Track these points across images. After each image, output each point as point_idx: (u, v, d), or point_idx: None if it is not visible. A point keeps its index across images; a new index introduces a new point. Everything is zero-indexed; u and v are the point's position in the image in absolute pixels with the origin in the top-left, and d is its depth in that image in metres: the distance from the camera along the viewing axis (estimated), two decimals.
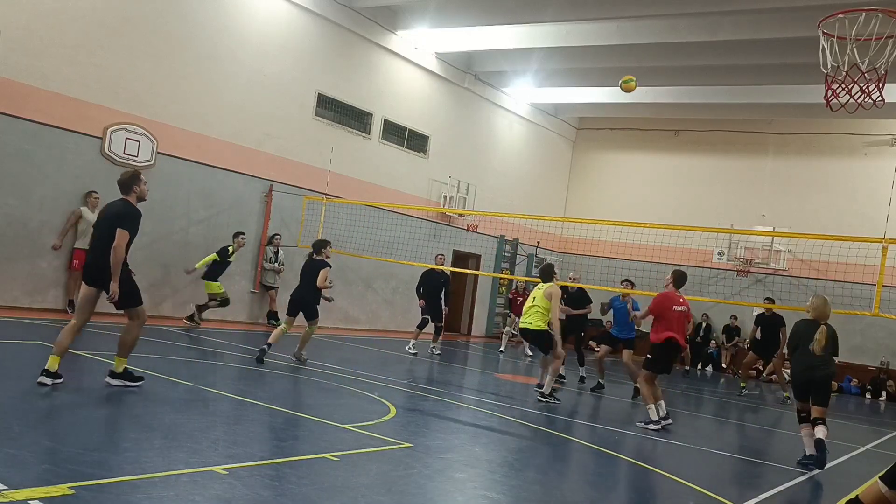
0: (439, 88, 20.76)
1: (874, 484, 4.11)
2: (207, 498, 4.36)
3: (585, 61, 19.92)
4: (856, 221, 19.91)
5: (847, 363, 21.05)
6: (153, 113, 14.03)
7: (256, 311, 16.41)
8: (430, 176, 20.63)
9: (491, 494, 5.45)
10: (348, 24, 17.56)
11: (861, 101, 10.68)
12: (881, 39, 10.27)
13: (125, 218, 7.05)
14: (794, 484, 7.30)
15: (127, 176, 7.26)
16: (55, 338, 7.03)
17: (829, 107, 10.93)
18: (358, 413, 8.10)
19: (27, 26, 12.22)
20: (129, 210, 7.13)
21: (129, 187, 7.21)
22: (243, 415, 7.03)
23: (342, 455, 5.81)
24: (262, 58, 15.89)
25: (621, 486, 6.54)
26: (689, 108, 23.09)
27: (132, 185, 7.21)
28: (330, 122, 17.62)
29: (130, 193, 7.23)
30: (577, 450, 7.73)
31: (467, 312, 22.98)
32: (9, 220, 12.29)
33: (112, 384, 7.20)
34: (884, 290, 11.68)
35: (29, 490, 3.97)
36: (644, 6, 15.95)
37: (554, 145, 26.04)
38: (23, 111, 12.27)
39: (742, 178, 23.65)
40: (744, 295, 21.96)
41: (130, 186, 7.20)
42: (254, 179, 15.98)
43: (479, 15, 17.63)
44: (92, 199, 12.95)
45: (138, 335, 7.35)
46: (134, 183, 7.21)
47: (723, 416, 12.87)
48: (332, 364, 11.20)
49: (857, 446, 10.52)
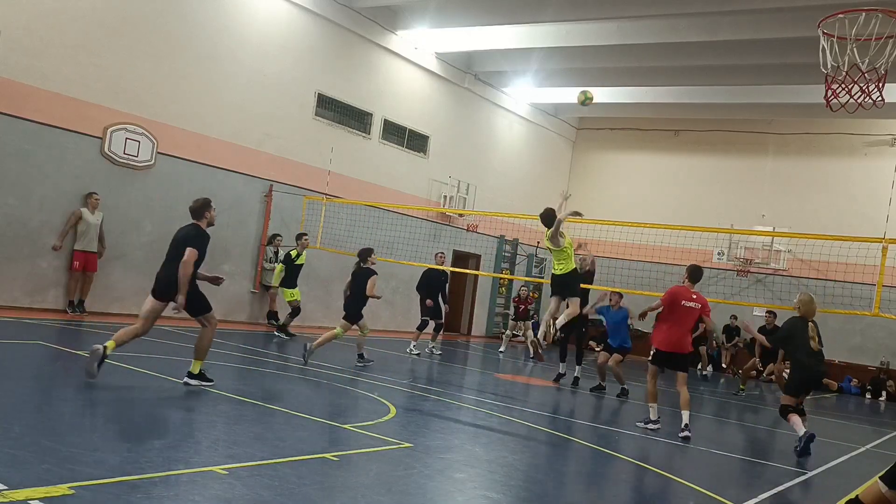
0: (439, 88, 20.76)
1: (874, 484, 4.11)
2: (207, 498, 4.36)
3: (585, 61, 19.92)
4: (856, 221, 19.91)
5: (847, 363, 21.09)
6: (153, 113, 14.03)
7: (256, 311, 16.41)
8: (430, 176, 20.63)
9: (491, 494, 5.45)
10: (348, 24, 17.56)
11: (861, 101, 10.68)
12: (881, 39, 10.28)
13: (195, 238, 7.82)
14: (794, 484, 7.30)
15: (199, 203, 8.05)
16: (55, 338, 7.04)
17: (829, 107, 10.93)
18: (358, 413, 8.10)
19: (27, 26, 12.22)
20: (199, 233, 7.90)
21: (201, 213, 8.00)
22: (243, 415, 7.03)
23: (342, 455, 5.81)
24: (262, 58, 15.89)
25: (621, 487, 6.54)
26: (689, 108, 23.09)
27: (203, 212, 8.01)
28: (330, 122, 17.62)
29: (202, 219, 8.02)
30: (576, 450, 7.73)
31: (467, 312, 22.98)
32: (9, 220, 12.29)
33: (190, 384, 7.79)
34: (884, 290, 11.68)
35: (29, 490, 3.97)
36: (644, 6, 15.95)
37: (554, 145, 26.04)
38: (23, 111, 12.27)
39: (742, 178, 23.65)
40: (744, 295, 21.96)
41: (202, 213, 8.00)
42: (254, 179, 15.98)
43: (479, 15, 17.63)
44: (92, 200, 12.95)
45: (212, 339, 8.05)
46: (205, 209, 8.01)
47: (723, 416, 12.87)
48: (333, 364, 11.20)
49: (857, 446, 10.52)
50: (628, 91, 22.61)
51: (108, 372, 8.09)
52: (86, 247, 12.92)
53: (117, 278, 13.79)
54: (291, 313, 14.67)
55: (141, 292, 13.96)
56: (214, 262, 15.40)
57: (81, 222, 12.84)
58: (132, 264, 13.96)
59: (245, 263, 16.07)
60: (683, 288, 9.33)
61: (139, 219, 14.00)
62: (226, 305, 15.74)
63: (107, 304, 13.70)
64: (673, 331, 9.12)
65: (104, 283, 13.60)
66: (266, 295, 16.20)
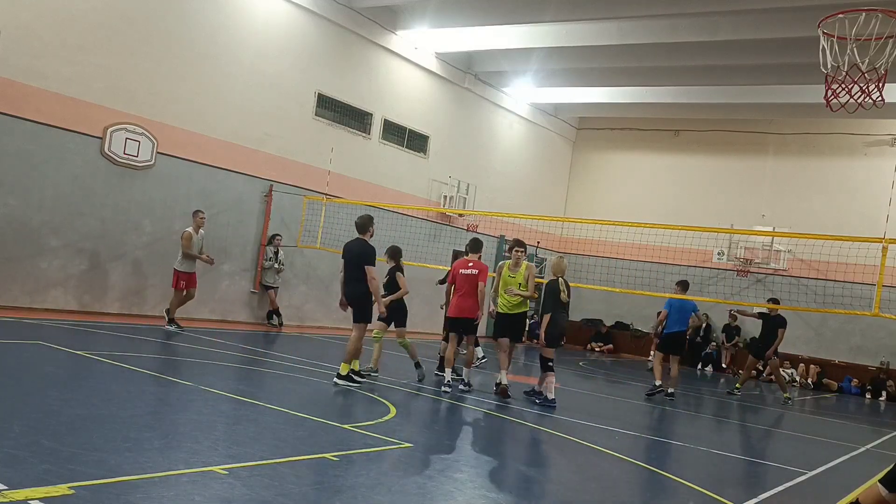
0: (439, 88, 20.76)
1: (873, 487, 4.11)
2: (207, 498, 4.36)
3: (585, 61, 19.92)
4: (856, 221, 19.90)
5: (847, 363, 21.09)
6: (153, 113, 14.03)
7: (256, 312, 16.42)
8: (430, 176, 20.64)
9: (491, 494, 5.45)
10: (348, 24, 17.56)
11: (861, 101, 10.68)
12: (881, 39, 10.27)
13: (369, 255, 9.20)
14: (794, 484, 7.30)
15: (365, 219, 9.38)
16: (55, 337, 7.04)
17: (829, 107, 10.93)
18: (358, 413, 8.10)
19: (27, 26, 12.22)
20: (367, 249, 9.24)
21: (367, 228, 9.31)
22: (243, 415, 7.03)
23: (342, 455, 5.81)
24: (261, 58, 15.89)
25: (621, 486, 6.54)
26: (689, 108, 23.09)
27: (368, 227, 9.32)
28: (330, 122, 17.62)
29: (366, 233, 9.29)
30: (577, 449, 7.73)
31: None
32: (9, 220, 12.29)
33: (338, 384, 8.98)
34: (884, 290, 11.69)
35: (29, 490, 3.97)
36: (644, 6, 15.95)
37: (554, 145, 26.04)
38: (23, 111, 12.27)
39: (742, 178, 23.65)
40: (744, 295, 21.97)
41: (367, 228, 9.31)
42: (254, 179, 15.98)
43: (479, 15, 17.63)
44: (198, 219, 13.06)
45: (361, 345, 9.40)
46: (370, 225, 9.35)
47: (722, 416, 12.87)
48: (333, 364, 11.19)
49: (857, 446, 10.52)
50: (628, 91, 22.62)
51: (109, 372, 8.10)
52: (189, 268, 12.91)
53: (117, 278, 13.80)
54: None
55: (141, 292, 14.07)
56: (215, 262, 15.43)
57: (191, 243, 12.83)
58: (132, 264, 13.96)
59: (245, 263, 16.07)
60: (463, 260, 10.57)
61: (139, 219, 14.00)
62: (225, 305, 15.77)
63: (107, 304, 13.70)
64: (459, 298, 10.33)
65: (104, 283, 13.61)
66: (266, 295, 16.21)
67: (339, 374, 9.23)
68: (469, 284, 10.29)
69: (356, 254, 9.24)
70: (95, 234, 13.39)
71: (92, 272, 13.42)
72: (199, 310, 14.76)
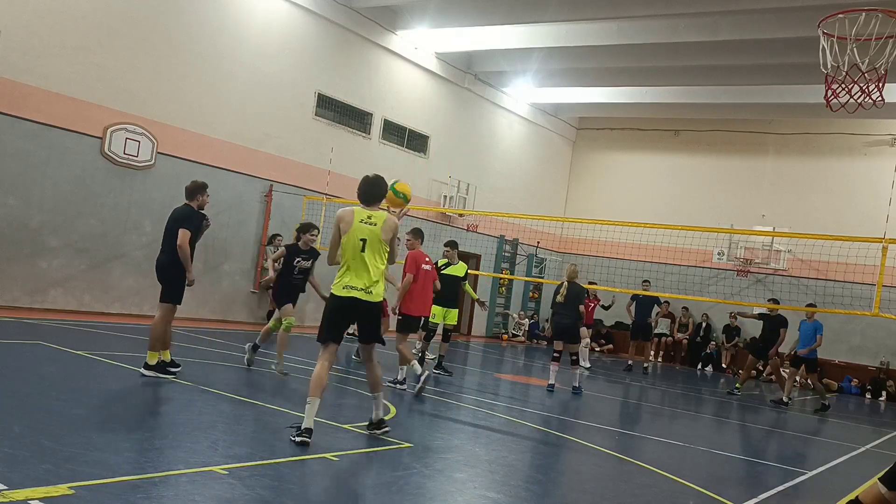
0: (439, 88, 20.76)
1: (874, 485, 4.11)
2: (207, 498, 4.36)
3: (585, 61, 19.93)
4: (856, 221, 19.90)
5: (847, 363, 21.09)
6: (153, 113, 14.03)
7: (256, 312, 16.41)
8: (430, 176, 20.63)
9: (491, 494, 5.45)
10: (348, 24, 17.56)
11: (861, 101, 10.69)
12: (881, 39, 10.28)
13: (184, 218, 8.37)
14: (794, 484, 7.30)
15: (198, 184, 8.58)
16: (55, 337, 7.03)
17: (829, 107, 10.94)
18: (358, 413, 8.10)
19: (27, 26, 12.23)
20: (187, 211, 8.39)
21: (195, 195, 8.46)
22: (243, 415, 7.03)
23: (342, 455, 5.81)
24: (262, 58, 15.89)
25: (621, 486, 6.53)
26: (689, 108, 23.09)
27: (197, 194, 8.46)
28: (330, 122, 17.62)
29: (194, 201, 8.48)
30: (576, 450, 7.72)
31: (467, 312, 22.96)
32: (9, 220, 12.29)
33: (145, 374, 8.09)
34: (884, 290, 11.70)
35: (29, 490, 3.96)
36: (644, 6, 15.95)
37: (554, 145, 26.04)
38: (23, 111, 12.27)
39: (742, 178, 23.65)
40: (744, 295, 21.97)
41: (196, 195, 8.45)
42: (254, 179, 15.98)
43: (479, 15, 17.64)
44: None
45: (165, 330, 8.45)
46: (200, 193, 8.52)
47: (722, 415, 12.87)
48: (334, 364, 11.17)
49: (857, 446, 10.51)
50: (628, 91, 22.62)
51: (109, 372, 8.10)
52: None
53: (117, 278, 13.80)
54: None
55: (141, 292, 14.06)
56: (215, 262, 15.44)
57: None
58: (132, 264, 13.96)
59: (245, 263, 16.07)
60: (419, 252, 10.70)
61: (139, 219, 14.00)
62: (225, 305, 15.77)
63: (107, 305, 13.70)
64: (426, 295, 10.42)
65: (104, 284, 13.61)
66: (266, 295, 16.19)
67: (147, 363, 8.01)
68: (430, 281, 10.50)
69: (174, 218, 8.19)
70: (95, 234, 13.39)
71: (92, 272, 13.42)
72: (199, 310, 14.77)
